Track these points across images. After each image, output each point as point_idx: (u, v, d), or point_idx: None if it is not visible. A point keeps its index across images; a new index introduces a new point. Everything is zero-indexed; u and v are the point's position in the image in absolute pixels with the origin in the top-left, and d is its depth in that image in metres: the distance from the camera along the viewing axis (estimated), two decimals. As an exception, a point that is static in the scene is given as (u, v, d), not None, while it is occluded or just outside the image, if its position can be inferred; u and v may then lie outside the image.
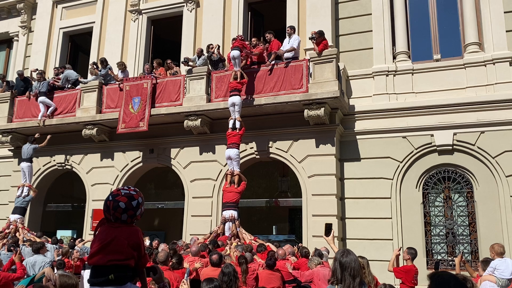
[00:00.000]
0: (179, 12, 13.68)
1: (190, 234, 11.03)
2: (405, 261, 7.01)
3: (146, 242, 9.37)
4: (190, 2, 13.36)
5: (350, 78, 11.59)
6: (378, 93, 11.21)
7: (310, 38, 10.75)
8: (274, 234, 13.93)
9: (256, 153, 11.49)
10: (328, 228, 4.39)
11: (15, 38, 16.68)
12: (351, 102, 11.42)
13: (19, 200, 11.93)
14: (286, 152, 11.14)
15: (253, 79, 11.10)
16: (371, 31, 11.59)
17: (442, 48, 11.24)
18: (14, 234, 11.10)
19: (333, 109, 10.73)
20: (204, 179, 11.79)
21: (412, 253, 6.81)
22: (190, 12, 13.37)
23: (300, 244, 10.07)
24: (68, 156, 13.61)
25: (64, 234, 13.75)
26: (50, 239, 10.87)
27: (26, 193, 12.02)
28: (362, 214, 10.67)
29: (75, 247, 9.87)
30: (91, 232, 12.19)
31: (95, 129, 12.64)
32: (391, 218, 10.43)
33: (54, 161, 13.76)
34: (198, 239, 9.45)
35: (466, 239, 10.15)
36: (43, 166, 13.86)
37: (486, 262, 6.56)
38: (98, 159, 13.19)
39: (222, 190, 10.65)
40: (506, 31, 10.50)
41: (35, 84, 13.66)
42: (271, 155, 11.40)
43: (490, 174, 10.01)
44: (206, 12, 13.14)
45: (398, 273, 6.67)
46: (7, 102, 13.96)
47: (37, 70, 14.20)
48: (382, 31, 11.49)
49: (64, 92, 13.44)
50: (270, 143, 11.34)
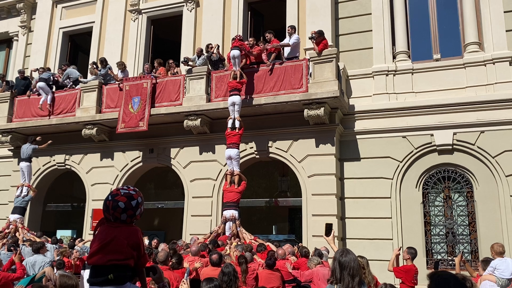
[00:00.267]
0: (179, 12, 13.68)
1: (190, 234, 11.03)
2: (405, 260, 7.01)
3: (145, 242, 9.36)
4: (190, 1, 13.35)
5: (350, 77, 11.59)
6: (378, 92, 11.21)
7: (310, 38, 10.75)
8: (274, 233, 13.94)
9: (256, 153, 11.49)
10: (328, 228, 4.39)
11: (15, 38, 16.69)
12: (351, 101, 11.42)
13: (19, 200, 11.93)
14: (286, 152, 11.14)
15: (252, 79, 11.10)
16: (371, 31, 11.58)
17: (442, 47, 11.24)
18: (14, 234, 11.11)
19: (333, 108, 10.73)
20: (204, 179, 11.79)
21: (412, 252, 6.82)
22: (190, 12, 13.36)
23: (300, 244, 10.07)
24: (68, 156, 13.61)
25: (64, 234, 13.74)
26: (50, 239, 10.87)
27: (26, 193, 12.02)
28: (362, 213, 10.67)
29: (75, 247, 9.88)
30: (91, 232, 12.19)
31: (95, 129, 12.64)
32: (391, 218, 10.43)
33: (54, 161, 13.77)
34: (198, 239, 9.45)
35: (466, 239, 10.15)
36: (43, 166, 13.86)
37: (486, 261, 6.56)
38: (98, 159, 13.19)
39: (223, 190, 10.66)
40: (506, 31, 10.49)
41: (36, 76, 13.76)
42: (271, 155, 11.40)
43: (490, 174, 10.01)
44: (206, 12, 13.13)
45: (398, 272, 6.67)
46: (7, 102, 13.96)
47: (37, 69, 14.21)
48: (382, 31, 11.49)
49: (64, 91, 13.44)
50: (270, 143, 11.34)
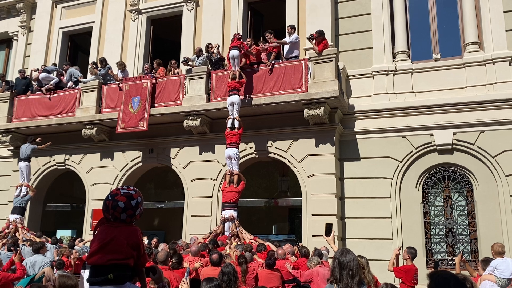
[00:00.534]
0: (179, 11, 13.67)
1: (190, 234, 11.03)
2: (405, 260, 7.01)
3: (145, 242, 9.36)
4: (189, 1, 13.35)
5: (349, 77, 11.59)
6: (378, 92, 11.21)
7: (308, 38, 10.74)
8: (274, 233, 13.94)
9: (255, 153, 11.49)
10: (328, 228, 4.39)
11: (15, 38, 16.68)
12: (351, 101, 11.42)
13: (18, 200, 11.92)
14: (286, 151, 11.14)
15: (252, 79, 11.10)
16: (371, 31, 11.58)
17: (441, 47, 11.24)
18: (14, 234, 11.10)
19: (332, 108, 10.73)
20: (203, 179, 11.79)
21: (412, 252, 6.82)
22: (190, 11, 13.36)
23: (300, 244, 10.07)
24: (67, 156, 13.60)
25: (64, 234, 13.74)
26: (50, 239, 10.87)
27: (25, 192, 11.99)
28: (361, 213, 10.66)
29: (76, 247, 9.88)
30: (91, 231, 12.19)
31: (95, 129, 12.63)
32: (391, 218, 10.43)
33: (53, 160, 13.76)
34: (198, 239, 9.45)
35: (466, 239, 10.15)
36: (43, 166, 13.86)
37: (486, 261, 6.56)
38: (98, 159, 13.19)
39: (221, 190, 10.66)
40: (506, 31, 10.49)
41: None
42: (271, 155, 11.39)
43: (489, 174, 10.00)
44: (206, 11, 13.13)
45: (398, 272, 6.67)
46: (7, 101, 13.95)
47: (37, 69, 14.21)
48: (381, 31, 11.49)
49: (63, 91, 13.44)
50: (270, 143, 11.33)
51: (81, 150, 13.42)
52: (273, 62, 11.02)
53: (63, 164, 13.66)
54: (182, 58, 12.45)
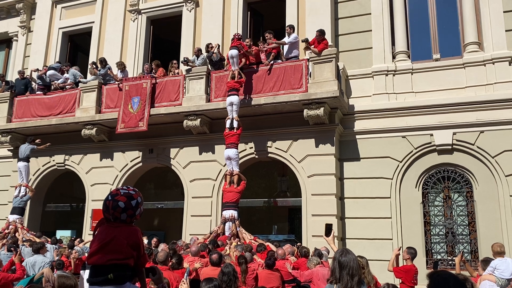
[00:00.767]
0: (179, 12, 13.67)
1: (190, 234, 11.02)
2: (404, 260, 7.01)
3: (144, 242, 9.35)
4: (189, 2, 13.35)
5: (349, 77, 11.59)
6: (378, 92, 11.21)
7: (302, 41, 10.75)
8: (273, 234, 13.93)
9: (255, 153, 11.49)
10: (328, 228, 4.39)
11: (15, 38, 16.67)
12: (351, 101, 11.42)
13: (17, 200, 11.90)
14: (286, 152, 11.14)
15: (252, 79, 11.10)
16: (371, 31, 11.58)
17: (441, 47, 11.24)
18: (14, 234, 11.10)
19: (332, 108, 10.73)
20: (203, 179, 11.79)
21: (411, 252, 6.81)
22: (190, 12, 13.36)
23: (298, 244, 10.07)
24: (67, 156, 13.60)
25: (63, 234, 13.74)
26: (49, 239, 10.86)
27: (24, 193, 11.96)
28: (361, 213, 10.66)
29: (76, 247, 9.88)
30: (91, 232, 12.19)
31: (95, 129, 12.63)
32: (391, 218, 10.43)
33: (53, 161, 13.76)
34: (198, 239, 9.45)
35: (465, 239, 10.15)
36: (43, 166, 13.85)
37: (486, 261, 6.57)
38: (98, 159, 13.19)
39: (222, 190, 10.65)
40: (506, 31, 10.49)
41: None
42: (271, 155, 11.39)
43: (489, 174, 10.00)
44: (206, 12, 13.13)
45: (398, 272, 6.67)
46: (7, 102, 13.95)
47: (37, 70, 14.20)
48: (381, 31, 11.49)
49: (63, 92, 13.43)
50: (270, 143, 11.33)
51: (81, 150, 13.42)
52: (272, 62, 11.03)
53: (63, 164, 13.65)
54: (182, 58, 12.45)
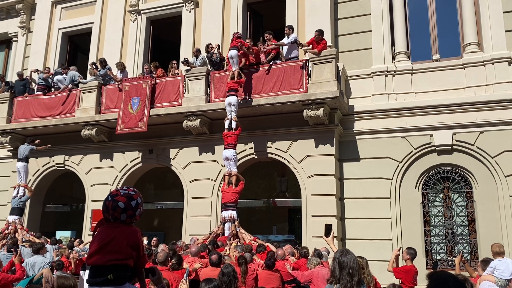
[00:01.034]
0: (178, 12, 13.67)
1: (190, 235, 11.02)
2: (404, 261, 7.01)
3: (144, 242, 9.35)
4: (189, 2, 13.35)
5: (349, 78, 11.59)
6: (377, 93, 11.21)
7: (297, 44, 10.78)
8: (273, 234, 13.93)
9: (255, 153, 11.49)
10: (328, 229, 4.39)
11: (14, 39, 16.66)
12: (350, 102, 11.42)
13: (16, 200, 11.88)
14: (286, 152, 11.14)
15: (252, 79, 11.10)
16: (370, 31, 11.58)
17: (441, 48, 11.24)
18: (14, 235, 11.09)
19: (332, 109, 10.73)
20: (203, 180, 11.79)
21: (411, 253, 6.81)
22: (189, 12, 13.36)
23: (297, 246, 10.06)
24: (67, 156, 13.59)
25: (63, 235, 13.74)
26: (49, 240, 10.85)
27: (22, 193, 11.94)
28: (361, 214, 10.66)
29: (77, 248, 9.88)
30: (90, 232, 12.18)
31: (94, 129, 12.63)
32: (391, 218, 10.42)
33: (53, 161, 13.75)
34: (197, 240, 9.45)
35: (465, 239, 10.15)
36: (42, 166, 13.85)
37: (486, 262, 6.57)
38: (97, 160, 13.18)
39: (221, 191, 10.65)
40: (505, 31, 10.50)
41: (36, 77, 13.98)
42: (270, 155, 11.39)
43: (489, 174, 10.00)
44: (205, 12, 13.13)
45: (398, 273, 6.67)
46: (6, 102, 13.95)
47: (37, 70, 14.20)
48: (381, 31, 11.49)
49: (63, 92, 13.42)
50: (269, 143, 11.33)
51: (80, 150, 13.41)
52: (272, 62, 11.03)
53: (63, 164, 13.65)
54: (182, 59, 12.46)
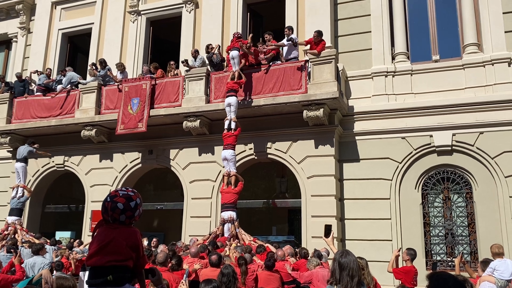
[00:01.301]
0: (178, 13, 13.67)
1: (189, 235, 11.01)
2: (404, 262, 7.00)
3: (144, 243, 9.35)
4: (189, 3, 13.35)
5: (349, 79, 11.59)
6: (377, 93, 11.21)
7: (293, 43, 10.78)
8: (273, 235, 13.92)
9: (254, 154, 11.48)
10: (327, 229, 4.38)
11: (14, 39, 16.66)
12: (350, 103, 11.42)
13: (14, 201, 11.86)
14: (285, 153, 11.14)
15: (252, 80, 11.10)
16: (370, 32, 11.58)
17: (441, 49, 11.24)
18: (13, 235, 11.08)
19: (332, 110, 10.73)
20: (203, 180, 11.78)
21: (411, 254, 6.81)
22: (189, 13, 13.36)
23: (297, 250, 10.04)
24: (67, 157, 13.59)
25: (63, 236, 13.73)
26: (49, 241, 10.84)
27: (21, 194, 11.92)
28: (361, 215, 10.66)
29: (76, 249, 9.86)
30: (90, 233, 12.17)
31: (94, 130, 12.62)
32: (391, 219, 10.42)
33: (53, 162, 13.74)
34: (197, 240, 9.44)
35: (465, 240, 10.15)
36: (42, 167, 13.84)
37: (486, 262, 6.56)
38: (97, 160, 13.18)
39: (220, 192, 10.65)
40: (505, 32, 10.50)
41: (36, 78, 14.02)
42: (270, 156, 11.39)
43: (489, 175, 10.00)
44: (205, 13, 13.14)
45: (398, 274, 6.66)
46: (6, 103, 13.94)
47: (37, 71, 14.20)
48: (381, 32, 11.49)
49: (63, 93, 13.42)
50: (269, 144, 11.33)
51: (80, 151, 13.41)
52: (272, 63, 11.04)
53: (62, 165, 13.64)
54: (181, 59, 12.46)
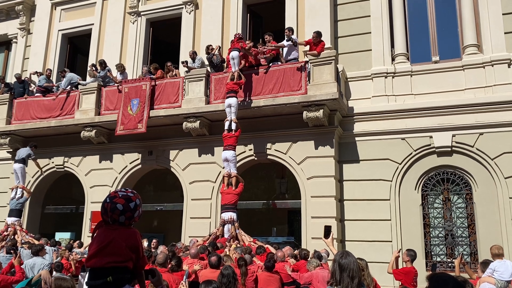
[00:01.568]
0: (178, 14, 13.69)
1: (189, 236, 11.01)
2: (404, 263, 7.00)
3: (144, 244, 9.35)
4: (189, 4, 13.36)
5: (349, 79, 11.59)
6: (377, 94, 11.21)
7: (292, 43, 10.78)
8: (273, 236, 13.92)
9: (254, 155, 11.48)
10: (327, 230, 4.37)
11: (14, 40, 16.67)
12: (350, 103, 11.42)
13: (14, 202, 11.86)
14: (285, 154, 11.14)
15: (252, 81, 11.10)
16: (370, 33, 11.59)
17: (440, 49, 11.25)
18: (13, 236, 11.07)
19: (332, 110, 10.74)
20: (203, 181, 11.78)
21: (411, 255, 6.80)
22: (189, 14, 13.37)
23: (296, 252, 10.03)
24: (66, 158, 13.59)
25: (62, 236, 13.72)
26: (49, 241, 10.84)
27: (20, 194, 11.93)
28: (361, 216, 10.65)
29: (76, 250, 9.85)
30: (90, 234, 12.16)
31: (94, 131, 12.62)
32: (390, 220, 10.42)
33: (52, 163, 13.74)
34: (197, 241, 9.43)
35: (465, 241, 10.14)
36: (42, 168, 13.81)
37: (485, 263, 6.56)
38: (97, 161, 13.17)
39: (220, 193, 10.64)
40: (505, 33, 10.51)
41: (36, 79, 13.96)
42: (270, 157, 11.39)
43: (489, 176, 10.00)
44: (205, 14, 13.14)
45: (398, 275, 6.66)
46: (6, 104, 13.94)
47: (36, 72, 14.19)
48: (380, 33, 11.50)
49: (63, 94, 13.42)
50: (269, 145, 11.33)
51: (80, 152, 13.41)
52: (272, 64, 11.05)
53: (62, 166, 13.64)
54: (181, 60, 12.47)
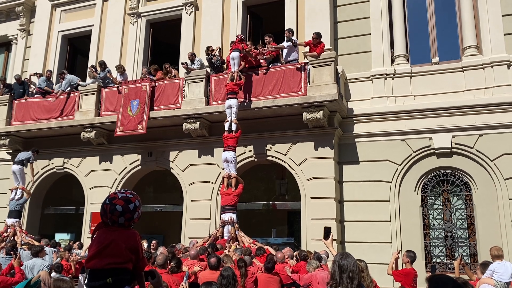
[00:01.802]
0: (178, 15, 13.70)
1: (189, 237, 11.01)
2: (404, 264, 7.01)
3: (144, 245, 9.35)
4: (189, 5, 13.38)
5: (348, 81, 11.60)
6: (377, 96, 11.22)
7: (292, 43, 10.79)
8: (273, 237, 13.91)
9: (254, 156, 11.48)
10: (327, 231, 4.38)
11: (14, 41, 16.67)
12: (350, 105, 11.43)
13: (13, 203, 11.85)
14: (285, 155, 11.14)
15: (252, 82, 11.11)
16: (370, 34, 11.60)
17: (440, 51, 11.26)
18: (13, 237, 11.07)
19: (331, 112, 10.74)
20: (203, 182, 11.78)
21: (411, 256, 6.81)
22: (189, 15, 13.38)
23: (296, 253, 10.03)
24: (66, 159, 13.59)
25: (62, 238, 13.71)
26: (49, 243, 10.83)
27: (19, 195, 11.92)
28: (361, 217, 10.65)
29: (77, 251, 9.85)
30: (90, 235, 12.16)
31: (94, 132, 12.62)
32: (390, 221, 10.42)
33: (52, 164, 13.74)
34: (197, 242, 9.43)
35: (465, 242, 10.14)
36: (42, 169, 13.83)
37: (485, 265, 6.56)
38: (97, 162, 13.17)
39: (220, 194, 10.64)
40: (504, 34, 10.52)
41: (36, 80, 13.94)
42: (270, 158, 11.39)
43: (488, 177, 10.01)
44: (205, 15, 13.16)
45: (397, 276, 6.67)
46: (6, 105, 13.95)
47: (36, 73, 14.20)
48: (380, 34, 11.51)
49: (63, 95, 13.42)
50: (269, 146, 11.34)
51: (80, 153, 13.41)
52: (272, 65, 11.06)
53: (62, 167, 13.64)
54: (181, 61, 12.47)
